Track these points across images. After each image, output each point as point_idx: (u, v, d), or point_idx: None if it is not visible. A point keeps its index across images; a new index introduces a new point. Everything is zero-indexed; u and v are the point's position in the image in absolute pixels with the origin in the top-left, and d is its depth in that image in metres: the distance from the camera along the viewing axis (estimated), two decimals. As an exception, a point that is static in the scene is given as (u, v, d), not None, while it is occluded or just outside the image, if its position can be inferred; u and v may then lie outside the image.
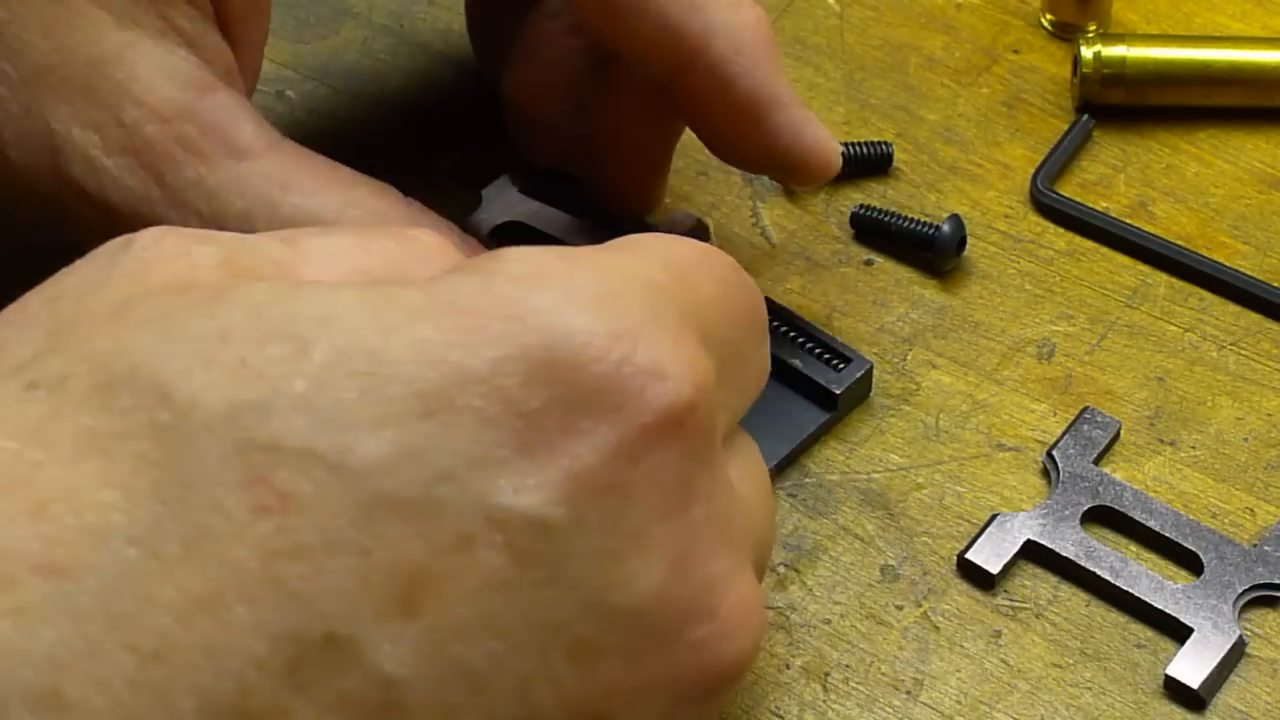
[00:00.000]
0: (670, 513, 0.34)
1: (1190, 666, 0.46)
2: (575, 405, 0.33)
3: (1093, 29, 0.60)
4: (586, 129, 0.50)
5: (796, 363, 0.51)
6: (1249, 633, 0.47)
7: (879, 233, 0.55)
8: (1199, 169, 0.57)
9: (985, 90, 0.60)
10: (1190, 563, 0.48)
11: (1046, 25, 0.61)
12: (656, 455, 0.34)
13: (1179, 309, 0.54)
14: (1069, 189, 0.57)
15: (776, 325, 0.51)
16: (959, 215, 0.54)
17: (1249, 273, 0.54)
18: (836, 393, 0.50)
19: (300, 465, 0.32)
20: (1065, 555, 0.48)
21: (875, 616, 0.47)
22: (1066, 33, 0.61)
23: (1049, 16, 0.61)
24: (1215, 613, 0.47)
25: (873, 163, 0.57)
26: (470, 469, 0.32)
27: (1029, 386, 0.52)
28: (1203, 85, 0.58)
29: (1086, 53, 0.58)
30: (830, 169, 0.48)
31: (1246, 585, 0.47)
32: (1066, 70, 0.60)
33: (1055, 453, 0.50)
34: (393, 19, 0.61)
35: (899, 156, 0.57)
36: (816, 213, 0.56)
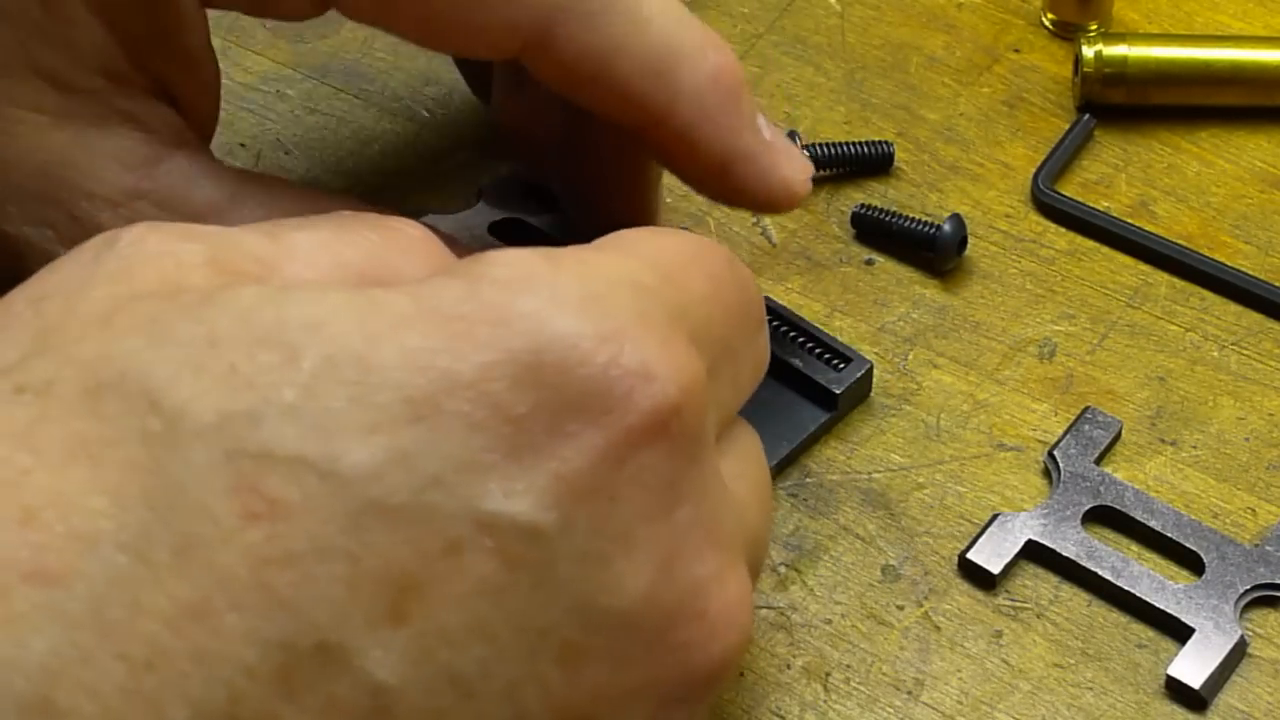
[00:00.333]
0: (657, 514, 0.34)
1: (1192, 667, 0.46)
2: (562, 409, 0.33)
3: (1094, 28, 0.60)
4: (577, 152, 0.50)
5: (797, 362, 0.51)
6: (1250, 633, 0.47)
7: (880, 232, 0.55)
8: (1200, 168, 0.57)
9: (986, 90, 0.59)
10: (1192, 563, 0.48)
11: (1048, 24, 0.61)
12: (642, 457, 0.34)
13: (1180, 309, 0.54)
14: (1070, 188, 0.57)
15: (777, 325, 0.51)
16: (960, 215, 0.54)
17: (1250, 272, 0.54)
18: (837, 392, 0.50)
19: (290, 473, 0.32)
20: (1066, 555, 0.48)
21: (876, 616, 0.47)
22: (1068, 32, 0.61)
23: (1050, 16, 0.61)
24: (1217, 613, 0.47)
25: (873, 162, 0.57)
26: (459, 474, 0.32)
27: (1030, 386, 0.52)
28: (1204, 85, 0.58)
29: (1088, 52, 0.58)
30: (796, 201, 0.48)
31: (1248, 585, 0.47)
32: (1068, 70, 0.60)
33: (1056, 452, 0.50)
34: (393, 19, 0.61)
35: (900, 156, 0.57)
36: (817, 212, 0.56)
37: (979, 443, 0.51)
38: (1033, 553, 0.48)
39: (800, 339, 0.51)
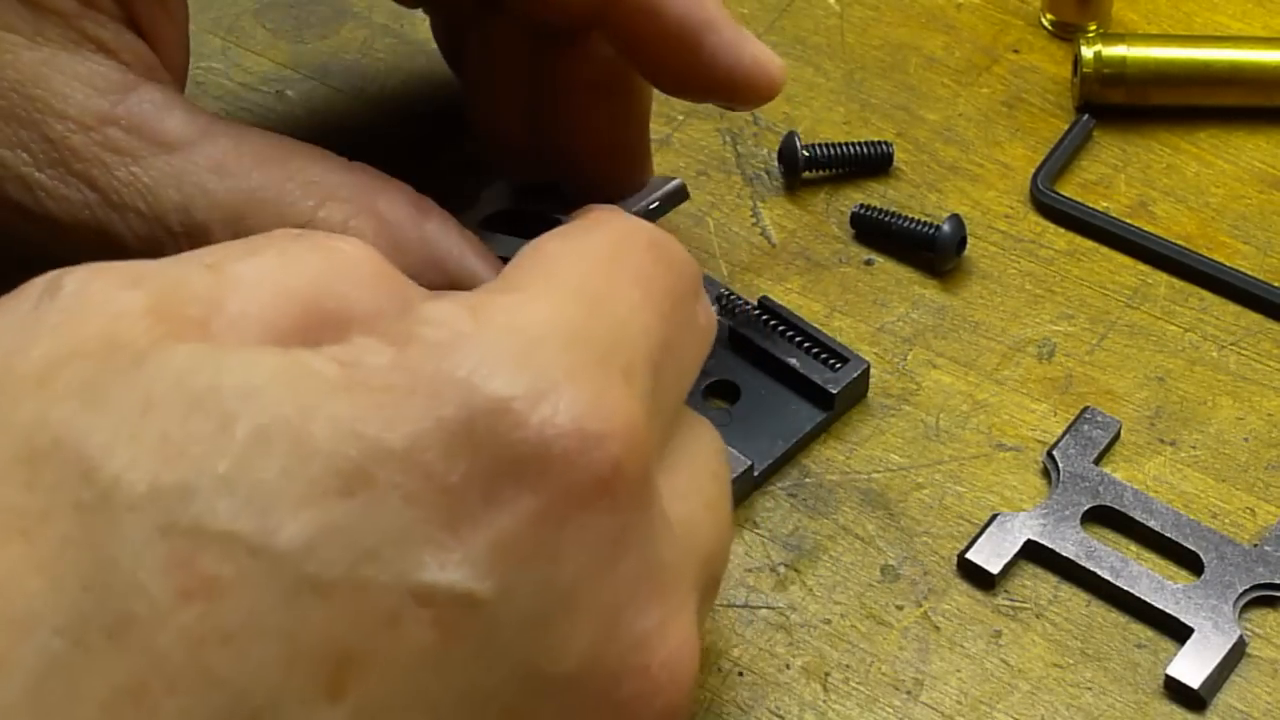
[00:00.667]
0: (600, 570, 0.34)
1: (1191, 666, 0.46)
2: (497, 474, 0.33)
3: (1093, 29, 0.60)
4: (552, 137, 0.50)
5: (793, 362, 0.51)
6: (1249, 633, 0.47)
7: (879, 232, 0.55)
8: (1199, 169, 0.57)
9: (985, 90, 0.60)
10: (1191, 563, 0.48)
11: (1047, 25, 0.61)
12: (584, 516, 0.33)
13: (1179, 309, 0.54)
14: (1069, 189, 0.57)
15: (774, 325, 0.51)
16: (959, 215, 0.54)
17: (1249, 273, 0.54)
18: (833, 392, 0.50)
19: (224, 549, 0.31)
20: (1066, 555, 0.48)
21: (875, 616, 0.47)
22: (1067, 32, 0.61)
23: (1049, 16, 0.61)
24: (1215, 613, 0.47)
25: (873, 163, 0.57)
26: (394, 547, 0.32)
27: (1029, 386, 0.52)
28: (1203, 85, 0.58)
29: (1087, 52, 0.58)
30: (774, 85, 0.47)
31: (1247, 585, 0.47)
32: (1067, 70, 0.60)
33: (1055, 453, 0.50)
34: (393, 19, 0.61)
35: (899, 156, 0.57)
36: (817, 212, 0.56)
37: (978, 443, 0.51)
38: (1032, 553, 0.48)
39: (797, 338, 0.51)
